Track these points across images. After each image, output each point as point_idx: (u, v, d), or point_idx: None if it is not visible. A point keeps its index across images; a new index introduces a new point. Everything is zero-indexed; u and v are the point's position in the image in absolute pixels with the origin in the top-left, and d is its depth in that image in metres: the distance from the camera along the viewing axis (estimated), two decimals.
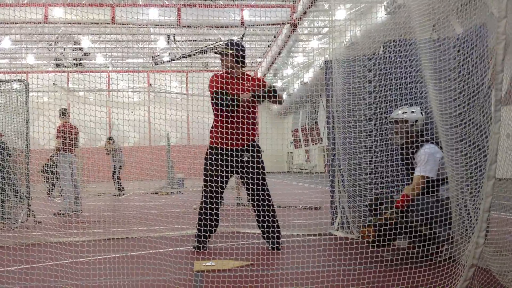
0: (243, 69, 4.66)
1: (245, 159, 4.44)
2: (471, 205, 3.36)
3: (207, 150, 4.58)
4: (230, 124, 4.40)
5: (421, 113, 4.15)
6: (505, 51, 2.40)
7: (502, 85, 2.37)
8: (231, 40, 4.75)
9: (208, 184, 4.45)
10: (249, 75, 4.77)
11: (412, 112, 4.14)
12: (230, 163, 4.41)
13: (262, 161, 4.54)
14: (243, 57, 4.59)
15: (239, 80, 4.53)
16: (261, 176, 4.46)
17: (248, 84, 4.52)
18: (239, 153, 4.43)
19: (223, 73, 4.64)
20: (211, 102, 4.52)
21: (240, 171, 4.44)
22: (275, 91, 4.31)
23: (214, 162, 4.44)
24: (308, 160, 37.16)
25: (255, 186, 4.42)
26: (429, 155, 3.89)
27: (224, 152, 4.39)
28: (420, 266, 3.47)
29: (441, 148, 3.91)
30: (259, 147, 4.63)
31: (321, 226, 5.46)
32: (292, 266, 3.80)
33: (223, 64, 4.60)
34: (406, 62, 4.67)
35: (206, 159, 4.55)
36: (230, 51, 4.53)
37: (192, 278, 3.48)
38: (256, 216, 4.52)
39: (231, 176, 4.63)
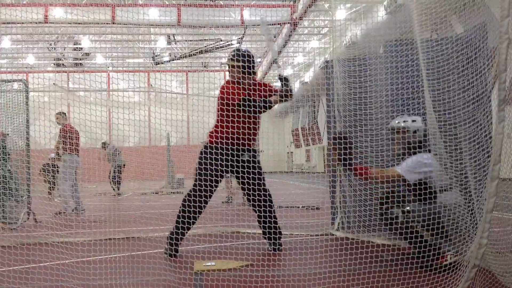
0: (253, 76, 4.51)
1: (245, 158, 4.38)
2: (476, 205, 3.34)
3: (202, 148, 4.42)
4: (237, 125, 4.30)
5: (423, 122, 3.93)
6: (508, 50, 2.38)
7: (505, 84, 2.35)
8: (238, 50, 4.53)
9: (200, 183, 4.28)
10: (258, 82, 4.63)
11: (413, 121, 3.90)
12: (228, 162, 4.32)
13: (260, 164, 4.49)
14: (252, 67, 4.42)
15: (251, 87, 4.43)
16: (259, 176, 4.41)
17: (260, 92, 4.45)
18: (239, 153, 4.36)
19: (234, 80, 4.48)
20: (234, 108, 4.30)
21: (240, 170, 4.36)
22: (291, 90, 4.32)
23: (209, 161, 4.31)
24: (308, 160, 37.17)
25: (256, 187, 4.37)
26: (417, 161, 3.73)
27: (224, 151, 4.31)
28: (421, 266, 3.46)
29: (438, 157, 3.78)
30: (257, 152, 4.54)
31: (321, 226, 5.45)
32: (293, 267, 3.79)
33: (231, 75, 4.45)
34: (406, 62, 4.66)
35: (200, 157, 4.39)
36: (237, 63, 4.37)
37: (192, 278, 3.47)
38: (257, 217, 4.50)
39: (224, 176, 4.54)
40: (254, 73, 4.52)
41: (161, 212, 8.09)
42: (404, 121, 3.92)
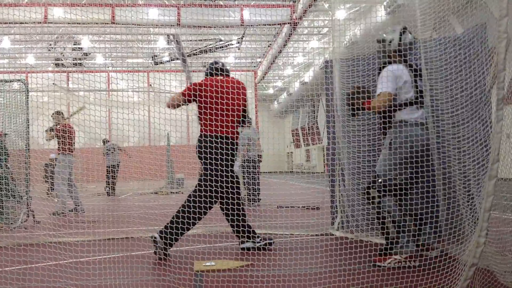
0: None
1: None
2: (478, 204, 3.35)
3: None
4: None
5: (401, 33, 3.81)
6: (507, 50, 2.38)
7: (504, 83, 2.35)
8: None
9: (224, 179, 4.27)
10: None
11: (392, 31, 3.87)
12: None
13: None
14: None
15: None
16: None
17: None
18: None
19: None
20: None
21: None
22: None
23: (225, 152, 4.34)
24: (308, 160, 37.17)
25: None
26: (386, 76, 3.71)
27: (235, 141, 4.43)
28: (419, 265, 3.47)
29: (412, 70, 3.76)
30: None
31: (321, 226, 5.45)
32: (293, 267, 3.79)
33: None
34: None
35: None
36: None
37: (192, 278, 3.47)
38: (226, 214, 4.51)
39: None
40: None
41: (161, 212, 8.08)
42: (383, 33, 3.92)
